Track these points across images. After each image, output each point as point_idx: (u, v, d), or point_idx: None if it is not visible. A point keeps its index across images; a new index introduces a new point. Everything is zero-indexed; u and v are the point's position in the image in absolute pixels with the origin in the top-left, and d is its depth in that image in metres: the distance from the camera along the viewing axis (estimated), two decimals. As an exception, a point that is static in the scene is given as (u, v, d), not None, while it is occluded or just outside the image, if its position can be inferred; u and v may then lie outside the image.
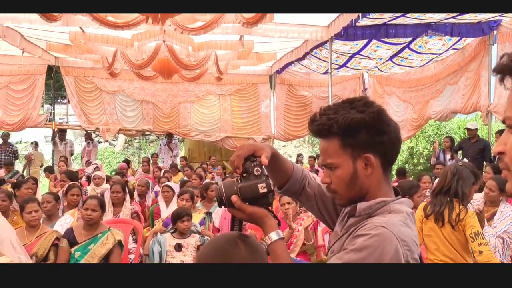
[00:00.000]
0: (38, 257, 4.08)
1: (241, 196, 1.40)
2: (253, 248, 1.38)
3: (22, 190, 6.03)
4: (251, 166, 1.41)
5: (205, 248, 1.43)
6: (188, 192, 5.46)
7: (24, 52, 9.35)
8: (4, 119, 11.64)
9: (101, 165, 9.63)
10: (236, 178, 1.44)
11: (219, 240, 1.44)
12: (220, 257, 1.34)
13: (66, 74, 11.85)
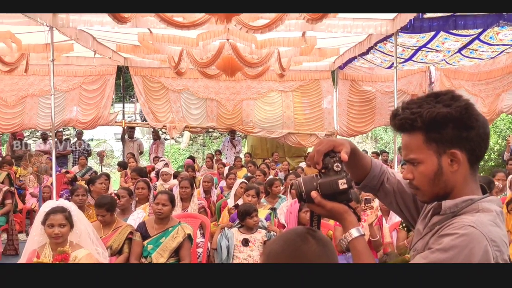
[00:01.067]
0: (113, 249, 4.31)
1: (321, 192, 1.41)
2: (323, 242, 1.38)
3: (96, 185, 6.36)
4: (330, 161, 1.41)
5: (275, 244, 1.41)
6: (254, 188, 5.56)
7: (96, 53, 9.79)
8: (78, 117, 12.25)
9: (168, 161, 9.96)
10: (316, 174, 1.44)
11: (289, 235, 1.42)
12: (291, 252, 1.34)
13: (134, 74, 12.29)
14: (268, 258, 1.39)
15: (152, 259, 4.18)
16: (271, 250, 1.40)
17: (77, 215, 3.53)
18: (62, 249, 3.41)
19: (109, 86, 12.34)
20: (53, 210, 3.43)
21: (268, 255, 1.40)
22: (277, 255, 1.36)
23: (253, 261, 4.48)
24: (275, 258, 1.36)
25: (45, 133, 12.85)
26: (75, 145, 12.37)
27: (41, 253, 3.44)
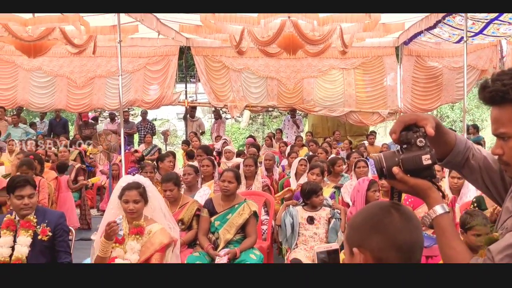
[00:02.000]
0: (185, 223, 4.45)
1: (403, 168, 1.37)
2: (407, 216, 1.35)
3: (165, 163, 6.54)
4: (413, 136, 1.37)
5: (358, 216, 1.41)
6: (318, 166, 5.54)
7: (160, 34, 9.98)
8: (142, 98, 12.60)
9: (229, 140, 10.09)
10: (397, 149, 1.40)
11: (372, 208, 1.41)
12: (373, 224, 1.33)
13: (196, 54, 12.46)
14: (351, 229, 1.41)
15: (220, 235, 4.28)
16: (354, 221, 1.41)
17: (152, 191, 3.66)
18: (138, 222, 3.55)
19: (172, 66, 12.58)
20: (128, 186, 3.56)
21: (351, 226, 1.41)
22: (359, 226, 1.37)
23: (319, 239, 4.49)
24: (357, 229, 1.38)
25: (112, 113, 13.34)
26: (140, 125, 12.76)
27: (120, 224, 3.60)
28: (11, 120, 11.58)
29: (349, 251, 1.38)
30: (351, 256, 1.36)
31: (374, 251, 1.31)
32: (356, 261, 1.34)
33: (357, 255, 1.33)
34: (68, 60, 12.43)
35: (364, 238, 1.34)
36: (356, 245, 1.35)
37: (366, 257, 1.32)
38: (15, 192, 3.51)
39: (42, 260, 3.50)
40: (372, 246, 1.32)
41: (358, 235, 1.36)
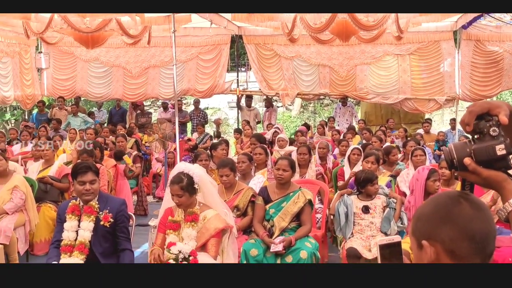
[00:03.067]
0: (241, 209, 4.49)
1: (475, 159, 1.31)
2: (477, 206, 1.30)
3: (218, 151, 6.60)
4: (486, 125, 1.31)
5: (426, 207, 1.37)
6: (373, 154, 5.45)
7: (212, 23, 10.06)
8: (195, 87, 12.78)
9: (281, 128, 10.07)
10: (468, 140, 1.34)
11: (441, 198, 1.36)
12: (443, 214, 1.29)
13: (248, 42, 12.47)
14: (418, 221, 1.36)
15: (274, 223, 4.29)
16: (422, 213, 1.36)
17: (203, 179, 3.71)
18: (192, 210, 3.63)
19: (224, 55, 12.67)
20: (171, 181, 3.67)
21: (418, 218, 1.37)
22: (428, 217, 1.33)
23: (375, 228, 4.42)
24: (425, 221, 1.33)
25: (165, 102, 13.60)
26: (193, 113, 12.94)
27: (175, 211, 3.69)
28: (71, 109, 12.03)
29: (417, 244, 1.34)
30: (420, 250, 1.32)
31: (445, 242, 1.27)
32: (426, 254, 1.29)
33: (427, 248, 1.29)
34: (123, 51, 12.75)
35: (433, 230, 1.29)
36: (425, 238, 1.30)
37: (436, 250, 1.28)
38: (77, 178, 3.65)
39: (105, 245, 3.63)
40: (442, 238, 1.27)
41: (427, 226, 1.32)
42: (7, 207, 5.29)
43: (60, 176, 6.35)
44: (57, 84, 13.19)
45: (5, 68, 11.77)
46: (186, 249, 3.27)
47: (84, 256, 3.53)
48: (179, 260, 3.21)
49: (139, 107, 13.16)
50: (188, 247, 3.28)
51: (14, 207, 5.33)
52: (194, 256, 3.28)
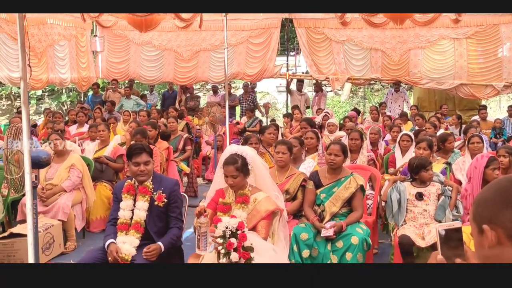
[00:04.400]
0: (291, 193, 4.50)
1: None
2: None
3: (266, 135, 6.62)
4: None
5: (487, 191, 1.36)
6: (425, 140, 5.31)
7: (263, 7, 9.99)
8: (245, 71, 12.80)
9: (331, 113, 9.96)
10: None
11: (502, 182, 1.35)
12: (505, 199, 1.27)
13: (298, 26, 12.36)
14: (478, 206, 1.35)
15: (325, 208, 4.26)
16: (482, 198, 1.36)
17: (255, 161, 3.72)
18: (243, 191, 3.65)
19: (274, 39, 12.61)
20: (226, 162, 3.66)
21: (478, 203, 1.36)
22: (489, 202, 1.32)
23: (429, 216, 4.32)
24: (486, 205, 1.32)
25: (215, 86, 13.72)
26: (242, 97, 13.00)
27: (226, 193, 3.73)
28: (124, 92, 12.33)
29: (478, 230, 1.33)
30: (480, 235, 1.31)
31: (506, 227, 1.26)
32: (487, 239, 1.28)
33: (488, 232, 1.28)
34: (175, 34, 12.91)
35: (494, 214, 1.28)
36: (486, 222, 1.29)
37: (498, 234, 1.27)
38: (132, 159, 3.74)
39: (159, 224, 3.72)
40: (504, 222, 1.26)
41: (488, 211, 1.30)
42: (65, 184, 5.51)
43: (115, 157, 6.56)
44: (111, 67, 13.53)
45: (62, 51, 12.16)
46: (232, 223, 3.23)
47: (139, 235, 3.62)
48: (226, 236, 3.20)
49: (189, 90, 13.33)
50: (235, 221, 3.23)
51: (71, 185, 5.54)
52: (241, 230, 3.24)
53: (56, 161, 5.56)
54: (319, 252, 4.01)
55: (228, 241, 3.15)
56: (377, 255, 4.99)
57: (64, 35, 12.05)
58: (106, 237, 3.69)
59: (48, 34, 11.34)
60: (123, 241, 3.59)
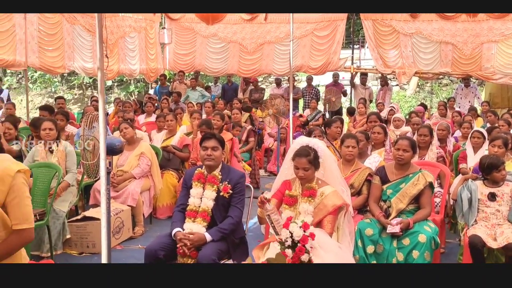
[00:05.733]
0: (355, 188, 4.45)
1: None
2: None
3: (332, 128, 6.56)
4: None
5: None
6: (500, 138, 5.06)
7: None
8: (309, 63, 12.73)
9: (397, 107, 9.72)
10: None
11: None
12: None
13: (365, 18, 12.14)
14: None
15: (392, 204, 4.18)
16: None
17: (325, 154, 3.68)
18: (310, 185, 3.62)
19: (339, 32, 12.47)
20: (298, 153, 3.61)
21: None
22: None
23: (502, 217, 4.14)
24: None
25: (278, 78, 13.73)
26: (305, 90, 12.94)
27: (292, 184, 3.72)
28: (190, 83, 12.59)
29: None
30: None
31: None
32: None
33: None
34: (240, 27, 13.04)
35: None
36: None
37: None
38: (202, 143, 3.87)
39: (224, 214, 3.79)
40: None
41: None
42: (135, 172, 5.72)
43: (181, 146, 6.73)
44: (178, 59, 13.86)
45: (132, 43, 12.59)
46: (297, 234, 3.20)
47: (206, 224, 3.71)
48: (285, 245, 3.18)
49: (253, 83, 13.42)
50: (300, 233, 3.19)
51: (140, 172, 5.75)
52: (306, 229, 3.21)
53: (127, 148, 5.77)
54: (384, 248, 3.94)
55: (283, 251, 3.14)
56: (444, 254, 4.84)
57: (134, 27, 12.46)
58: (173, 223, 3.80)
59: (119, 26, 11.78)
60: (190, 228, 3.68)
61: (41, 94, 20.50)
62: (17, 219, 2.33)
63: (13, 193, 2.31)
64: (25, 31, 9.63)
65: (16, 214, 2.33)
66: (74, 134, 7.35)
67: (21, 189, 2.34)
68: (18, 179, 2.33)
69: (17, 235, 2.34)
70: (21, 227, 2.34)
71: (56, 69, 10.76)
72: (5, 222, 2.33)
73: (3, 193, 2.30)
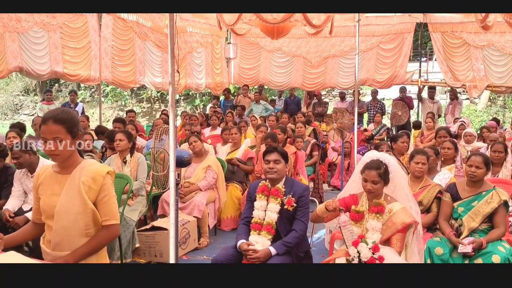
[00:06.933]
0: (424, 205, 4.32)
1: None
2: None
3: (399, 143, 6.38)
4: None
5: None
6: None
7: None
8: (374, 77, 12.55)
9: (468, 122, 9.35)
10: None
11: None
12: None
13: (433, 30, 11.83)
14: None
15: (463, 222, 4.02)
16: None
17: (395, 170, 3.59)
18: (378, 201, 3.52)
19: (406, 44, 12.23)
20: (369, 166, 3.52)
21: None
22: None
23: None
24: None
25: (342, 92, 13.61)
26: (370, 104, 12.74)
27: (359, 199, 3.65)
28: (254, 97, 12.73)
29: None
30: None
31: None
32: None
33: None
34: (304, 41, 13.09)
35: None
36: None
37: None
38: (264, 157, 3.93)
39: (288, 227, 3.79)
40: None
41: None
42: (201, 184, 5.84)
43: (245, 159, 6.81)
44: (243, 73, 14.09)
45: (199, 58, 12.94)
46: (365, 256, 3.18)
47: (271, 237, 3.73)
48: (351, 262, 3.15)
49: (317, 96, 13.38)
50: (368, 254, 3.15)
51: (207, 185, 5.86)
52: (375, 252, 3.17)
53: (194, 161, 5.90)
54: (455, 269, 3.79)
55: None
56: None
57: (201, 42, 12.81)
58: (238, 236, 3.85)
59: (187, 41, 12.15)
60: (256, 241, 3.72)
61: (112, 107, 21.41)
62: (106, 215, 2.59)
63: (103, 192, 2.57)
64: (100, 47, 10.12)
65: (106, 211, 2.58)
66: (144, 146, 7.63)
67: (109, 188, 2.61)
68: (107, 180, 2.59)
69: (107, 230, 2.60)
70: (110, 223, 2.60)
71: (128, 84, 11.20)
72: (97, 219, 2.58)
73: (95, 192, 2.56)
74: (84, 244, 2.55)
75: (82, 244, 2.55)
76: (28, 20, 8.55)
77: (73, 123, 2.54)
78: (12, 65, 8.42)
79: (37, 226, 2.76)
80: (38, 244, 2.73)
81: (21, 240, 2.93)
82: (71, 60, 9.58)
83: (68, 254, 2.52)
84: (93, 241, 2.58)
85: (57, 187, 2.58)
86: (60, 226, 2.54)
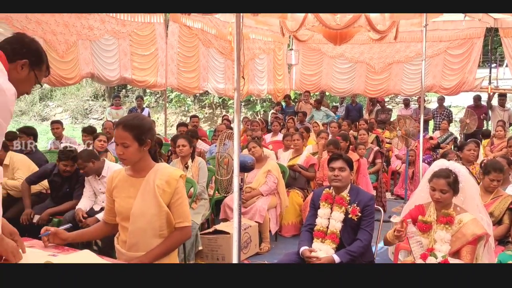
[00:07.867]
0: (495, 217, 4.14)
1: None
2: None
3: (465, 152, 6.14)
4: None
5: None
6: None
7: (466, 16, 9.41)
8: (441, 83, 12.16)
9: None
10: None
11: None
12: None
13: (504, 35, 11.31)
14: None
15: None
16: None
17: (466, 180, 3.46)
18: (447, 211, 3.40)
19: (476, 50, 11.78)
20: (438, 174, 3.42)
21: None
22: None
23: None
24: None
25: (407, 99, 13.28)
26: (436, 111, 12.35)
27: (426, 210, 3.54)
28: (315, 103, 12.67)
29: None
30: None
31: None
32: None
33: None
34: (368, 47, 12.90)
35: None
36: None
37: None
38: (329, 164, 3.90)
39: (353, 237, 3.73)
40: None
41: None
42: (262, 189, 5.87)
43: (307, 165, 6.78)
44: (304, 79, 14.07)
45: (261, 64, 13.05)
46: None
47: (335, 245, 3.68)
48: None
49: (380, 103, 13.13)
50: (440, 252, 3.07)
51: (268, 189, 5.88)
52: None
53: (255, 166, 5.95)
54: (530, 285, 3.59)
55: None
56: None
57: (264, 49, 12.92)
58: (300, 242, 3.83)
59: (250, 48, 12.28)
60: (319, 249, 3.68)
61: (176, 113, 21.96)
62: (180, 217, 2.67)
63: (177, 194, 2.65)
64: (166, 54, 10.42)
65: (179, 213, 2.66)
66: (206, 151, 7.77)
67: (182, 191, 2.68)
68: (180, 183, 2.67)
69: (180, 232, 2.68)
70: (183, 225, 2.68)
71: (192, 90, 11.46)
72: (170, 221, 2.66)
73: (169, 195, 2.63)
74: (158, 245, 2.63)
75: (157, 245, 2.62)
76: (100, 28, 8.95)
77: (141, 131, 2.59)
78: (84, 71, 8.82)
79: (107, 226, 2.87)
80: (108, 244, 2.85)
81: (90, 237, 3.10)
82: (139, 67, 9.92)
83: (143, 254, 2.60)
84: (167, 242, 2.65)
85: (132, 190, 2.66)
86: (136, 228, 2.63)
